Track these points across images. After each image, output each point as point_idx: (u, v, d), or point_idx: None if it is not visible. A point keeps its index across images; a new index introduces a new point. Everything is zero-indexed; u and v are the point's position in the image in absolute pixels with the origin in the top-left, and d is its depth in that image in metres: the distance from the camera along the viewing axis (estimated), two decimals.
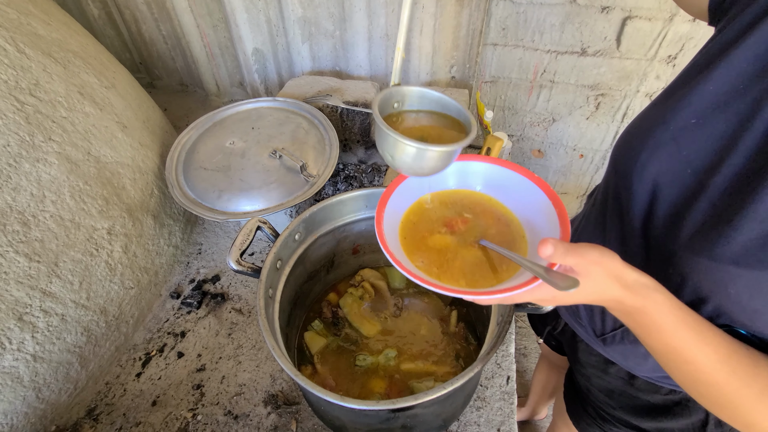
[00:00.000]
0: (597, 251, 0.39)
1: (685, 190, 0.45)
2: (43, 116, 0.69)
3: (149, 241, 0.88)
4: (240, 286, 0.94)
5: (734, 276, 0.40)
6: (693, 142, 0.44)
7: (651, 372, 0.64)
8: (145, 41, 1.46)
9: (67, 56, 0.79)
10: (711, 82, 0.43)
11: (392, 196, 0.57)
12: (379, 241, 0.50)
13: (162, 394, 0.76)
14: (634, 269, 0.40)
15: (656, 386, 0.65)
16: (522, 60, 1.21)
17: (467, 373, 0.49)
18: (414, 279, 0.46)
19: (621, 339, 0.64)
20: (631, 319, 0.42)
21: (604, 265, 0.39)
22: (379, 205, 0.55)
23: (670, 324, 0.40)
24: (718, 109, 0.42)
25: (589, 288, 0.40)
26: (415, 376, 0.74)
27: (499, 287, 0.47)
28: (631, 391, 0.69)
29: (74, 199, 0.71)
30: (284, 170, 0.92)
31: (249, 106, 1.08)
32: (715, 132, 0.42)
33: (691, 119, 0.44)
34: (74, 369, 0.72)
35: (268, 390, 0.77)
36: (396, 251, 0.50)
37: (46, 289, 0.66)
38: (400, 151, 0.50)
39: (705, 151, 0.43)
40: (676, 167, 0.45)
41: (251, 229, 0.65)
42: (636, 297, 0.39)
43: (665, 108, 0.48)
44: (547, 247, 0.39)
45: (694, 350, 0.40)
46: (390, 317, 0.84)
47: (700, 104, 0.44)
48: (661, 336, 0.41)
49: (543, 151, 1.43)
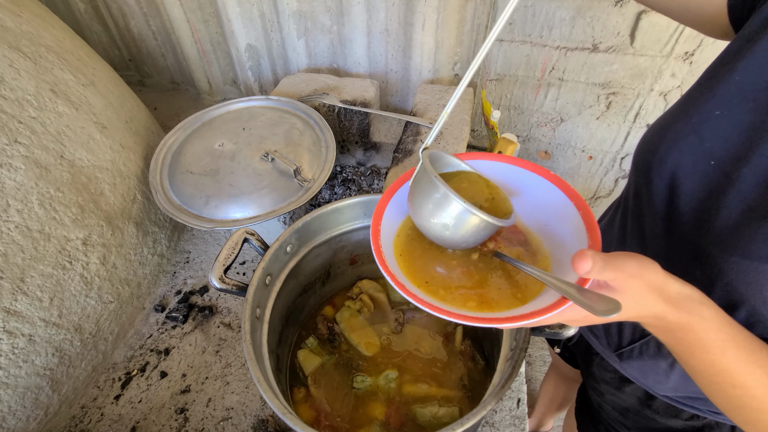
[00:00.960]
0: (636, 262, 0.34)
1: (708, 183, 0.43)
2: (8, 116, 0.63)
3: (131, 251, 0.81)
4: (229, 298, 0.88)
5: (740, 266, 0.38)
6: (716, 133, 0.42)
7: (672, 392, 0.58)
8: (134, 37, 1.39)
9: (38, 51, 0.72)
10: (737, 72, 0.41)
11: (389, 205, 0.51)
12: (376, 259, 0.44)
13: (142, 419, 0.70)
14: (677, 279, 0.35)
15: (676, 409, 0.60)
16: (530, 57, 1.15)
17: (478, 412, 0.43)
18: (419, 305, 0.39)
19: (639, 354, 0.59)
20: (671, 336, 0.37)
21: (645, 278, 0.34)
22: (375, 216, 0.49)
23: (718, 342, 0.35)
24: (744, 100, 0.40)
25: (627, 305, 0.34)
26: (418, 401, 0.68)
27: (521, 310, 0.40)
28: (647, 413, 0.64)
29: (44, 207, 0.65)
30: (277, 174, 0.86)
31: (240, 105, 1.02)
32: (742, 123, 0.40)
33: (714, 110, 0.43)
34: (44, 393, 0.66)
35: (257, 414, 0.70)
36: (396, 271, 0.44)
37: (10, 308, 0.60)
38: (452, 217, 0.42)
39: (730, 142, 0.41)
40: (698, 159, 0.44)
41: (237, 241, 0.59)
42: (680, 312, 0.35)
43: (687, 103, 0.46)
44: (586, 261, 0.33)
45: (744, 373, 0.35)
46: (390, 333, 0.77)
47: (725, 95, 0.42)
48: (707, 356, 0.36)
49: (550, 152, 1.36)
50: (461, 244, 0.46)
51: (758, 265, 0.38)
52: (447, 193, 0.41)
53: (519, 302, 0.42)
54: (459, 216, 0.42)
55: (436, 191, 0.42)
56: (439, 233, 0.44)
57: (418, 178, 0.46)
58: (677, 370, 0.54)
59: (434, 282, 0.45)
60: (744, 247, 0.39)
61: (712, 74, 0.45)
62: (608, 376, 0.68)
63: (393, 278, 0.43)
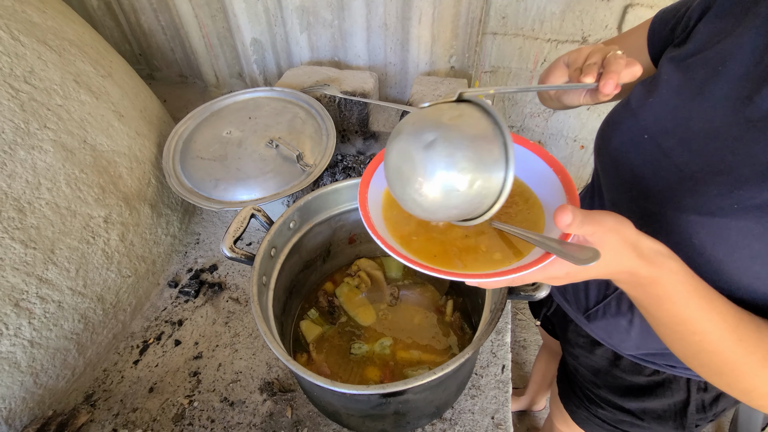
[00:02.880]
0: (613, 218, 0.37)
1: (643, 153, 0.51)
2: (38, 104, 0.69)
3: (146, 230, 0.88)
4: (237, 275, 0.95)
5: (696, 225, 0.44)
6: (649, 114, 0.51)
7: (634, 350, 0.65)
8: (144, 32, 1.45)
9: (62, 44, 0.79)
10: (663, 73, 0.51)
11: (377, 172, 0.51)
12: (365, 224, 0.45)
13: (159, 381, 0.77)
14: (648, 237, 0.38)
15: (640, 367, 0.67)
16: (522, 49, 1.20)
17: (458, 359, 0.49)
18: (408, 263, 0.41)
19: (603, 314, 0.66)
20: (642, 291, 0.40)
21: (622, 233, 0.37)
22: (362, 182, 0.49)
23: (683, 294, 0.39)
24: (670, 91, 0.50)
25: (604, 259, 0.36)
26: (410, 365, 0.75)
27: (506, 268, 0.42)
28: (615, 372, 0.71)
29: (70, 186, 0.71)
30: (281, 160, 0.92)
31: (246, 95, 1.08)
32: (668, 105, 0.50)
33: (648, 98, 0.52)
34: (72, 355, 0.73)
35: (264, 377, 0.77)
36: (386, 234, 0.46)
37: (43, 276, 0.67)
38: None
39: (660, 119, 0.50)
40: (635, 135, 0.52)
41: (245, 216, 0.65)
42: (651, 266, 0.37)
43: (630, 94, 0.56)
44: (566, 214, 0.35)
45: (704, 320, 0.39)
46: (386, 307, 0.84)
47: (656, 88, 0.51)
48: (672, 307, 0.39)
49: (543, 142, 1.42)
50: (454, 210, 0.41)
51: (688, 216, 0.45)
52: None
53: (509, 261, 0.43)
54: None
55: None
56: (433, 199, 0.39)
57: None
58: (636, 326, 0.60)
59: (419, 238, 0.46)
60: (676, 203, 0.46)
61: (646, 78, 0.55)
62: (581, 340, 0.75)
63: (373, 230, 0.44)
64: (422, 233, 0.48)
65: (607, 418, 0.75)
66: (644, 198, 0.51)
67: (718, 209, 0.42)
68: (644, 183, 0.51)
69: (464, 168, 0.36)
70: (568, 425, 0.86)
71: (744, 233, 0.41)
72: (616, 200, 0.58)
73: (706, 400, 0.63)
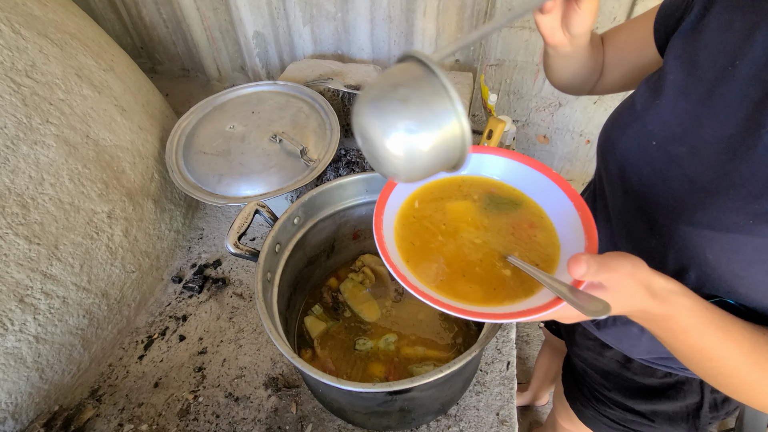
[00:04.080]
0: (629, 263, 0.37)
1: (651, 161, 0.49)
2: (40, 98, 0.68)
3: (150, 226, 0.88)
4: (241, 271, 0.94)
5: (710, 240, 0.42)
6: (657, 119, 0.48)
7: (646, 354, 0.64)
8: (146, 25, 1.44)
9: (64, 38, 0.78)
10: (670, 72, 0.48)
11: (394, 190, 0.51)
12: (378, 246, 0.44)
13: (164, 376, 0.77)
14: (661, 275, 0.39)
15: (652, 369, 0.66)
16: (528, 42, 1.18)
17: (464, 357, 0.49)
18: (423, 299, 0.41)
19: (613, 322, 0.65)
20: (656, 326, 0.41)
21: (636, 276, 0.37)
22: (380, 199, 0.49)
23: (698, 327, 0.39)
24: (678, 92, 0.47)
25: (618, 302, 0.37)
26: (414, 361, 0.74)
27: (519, 307, 0.42)
28: (626, 374, 0.70)
29: (73, 182, 0.71)
30: (284, 155, 0.91)
31: (249, 90, 1.07)
32: (677, 109, 0.47)
33: (655, 101, 0.49)
34: (77, 351, 0.73)
35: (268, 373, 0.77)
36: (397, 260, 0.45)
37: (47, 272, 0.66)
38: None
39: (668, 125, 0.47)
40: (642, 141, 0.50)
41: (249, 212, 0.65)
42: (664, 305, 0.38)
43: (635, 95, 0.53)
44: (580, 266, 0.35)
45: (720, 348, 0.40)
46: (390, 303, 0.83)
47: (663, 88, 0.48)
48: (688, 338, 0.40)
49: (548, 137, 1.40)
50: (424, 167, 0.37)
51: (700, 231, 0.43)
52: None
53: (523, 294, 0.44)
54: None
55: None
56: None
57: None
58: (647, 333, 0.59)
59: (438, 268, 0.46)
60: (688, 217, 0.44)
61: (650, 76, 0.52)
62: (590, 343, 0.74)
63: (389, 261, 0.44)
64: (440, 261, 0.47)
65: (615, 418, 0.74)
66: (653, 209, 0.49)
67: (733, 224, 0.40)
68: (653, 193, 0.49)
69: (414, 123, 0.34)
70: (572, 423, 0.85)
71: (760, 249, 0.39)
72: (621, 208, 0.56)
73: (718, 399, 0.63)
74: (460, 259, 0.47)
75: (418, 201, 0.54)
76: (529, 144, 1.43)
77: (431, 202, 0.54)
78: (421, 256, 0.48)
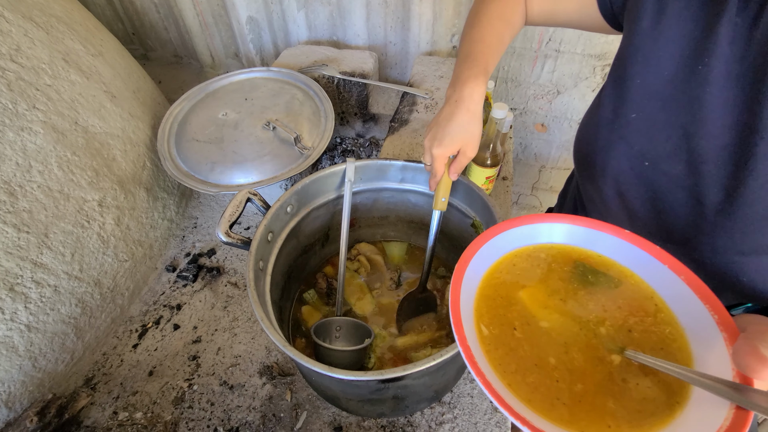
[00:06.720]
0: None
1: (651, 183, 0.43)
2: (26, 83, 0.67)
3: (143, 214, 0.87)
4: (236, 259, 0.94)
5: (741, 265, 0.38)
6: (639, 135, 0.43)
7: None
8: (137, 10, 1.41)
9: (50, 21, 0.76)
10: (637, 76, 0.43)
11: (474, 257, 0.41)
12: (460, 347, 0.36)
13: (158, 365, 0.77)
14: None
15: None
16: (526, 28, 1.16)
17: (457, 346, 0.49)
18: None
19: None
20: None
21: None
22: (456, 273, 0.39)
23: None
24: (651, 99, 0.41)
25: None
26: (412, 348, 0.74)
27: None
28: None
29: (62, 169, 0.70)
30: (278, 142, 0.90)
31: (242, 76, 1.05)
32: (657, 121, 0.41)
33: (630, 114, 0.44)
34: (70, 339, 0.73)
35: (263, 361, 0.77)
36: (486, 370, 0.35)
37: (37, 260, 0.66)
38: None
39: (655, 141, 0.42)
40: (634, 163, 0.45)
41: (241, 200, 0.64)
42: None
43: (608, 106, 0.47)
44: (765, 365, 0.27)
45: None
46: (386, 291, 0.83)
47: (634, 98, 0.43)
48: None
49: (546, 125, 1.39)
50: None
51: (728, 257, 0.38)
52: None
53: (670, 413, 0.31)
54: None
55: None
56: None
57: None
58: None
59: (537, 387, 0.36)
60: (710, 244, 0.39)
61: (615, 80, 0.46)
62: None
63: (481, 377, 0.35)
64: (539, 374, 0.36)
65: None
66: (666, 236, 0.43)
67: (760, 246, 0.35)
68: (662, 219, 0.43)
69: None
70: None
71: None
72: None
73: None
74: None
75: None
76: (526, 132, 1.42)
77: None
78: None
